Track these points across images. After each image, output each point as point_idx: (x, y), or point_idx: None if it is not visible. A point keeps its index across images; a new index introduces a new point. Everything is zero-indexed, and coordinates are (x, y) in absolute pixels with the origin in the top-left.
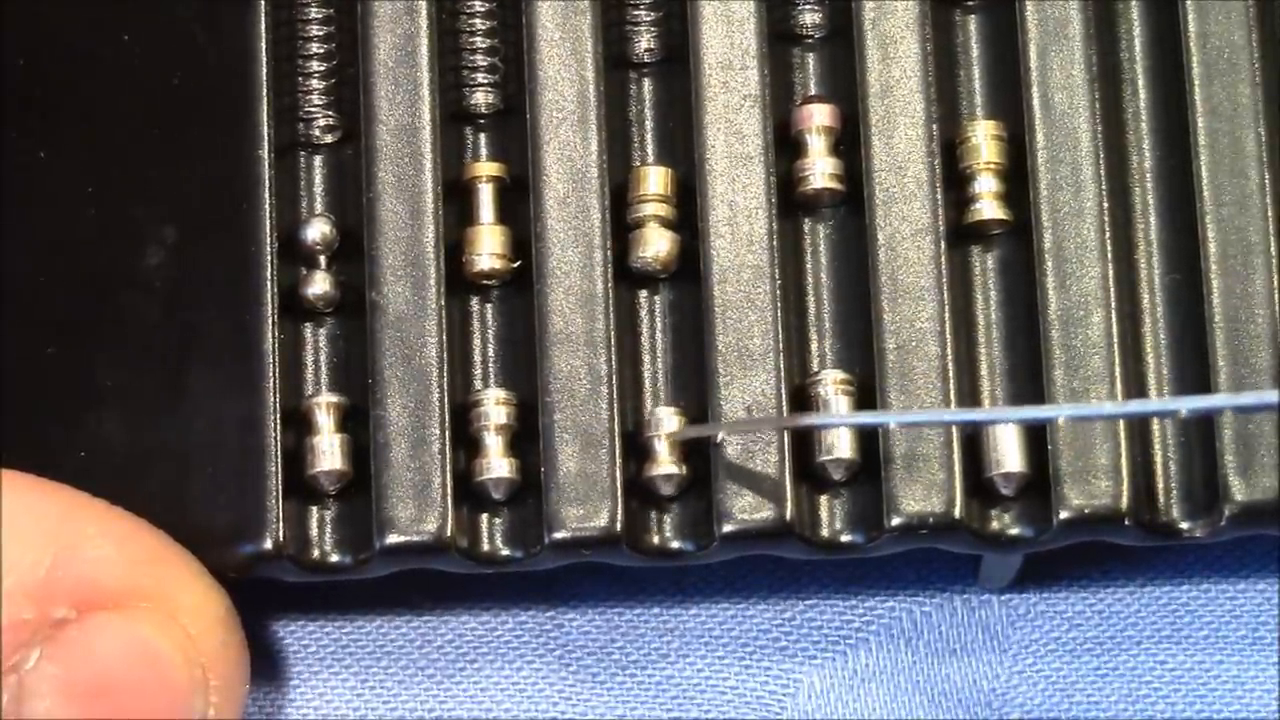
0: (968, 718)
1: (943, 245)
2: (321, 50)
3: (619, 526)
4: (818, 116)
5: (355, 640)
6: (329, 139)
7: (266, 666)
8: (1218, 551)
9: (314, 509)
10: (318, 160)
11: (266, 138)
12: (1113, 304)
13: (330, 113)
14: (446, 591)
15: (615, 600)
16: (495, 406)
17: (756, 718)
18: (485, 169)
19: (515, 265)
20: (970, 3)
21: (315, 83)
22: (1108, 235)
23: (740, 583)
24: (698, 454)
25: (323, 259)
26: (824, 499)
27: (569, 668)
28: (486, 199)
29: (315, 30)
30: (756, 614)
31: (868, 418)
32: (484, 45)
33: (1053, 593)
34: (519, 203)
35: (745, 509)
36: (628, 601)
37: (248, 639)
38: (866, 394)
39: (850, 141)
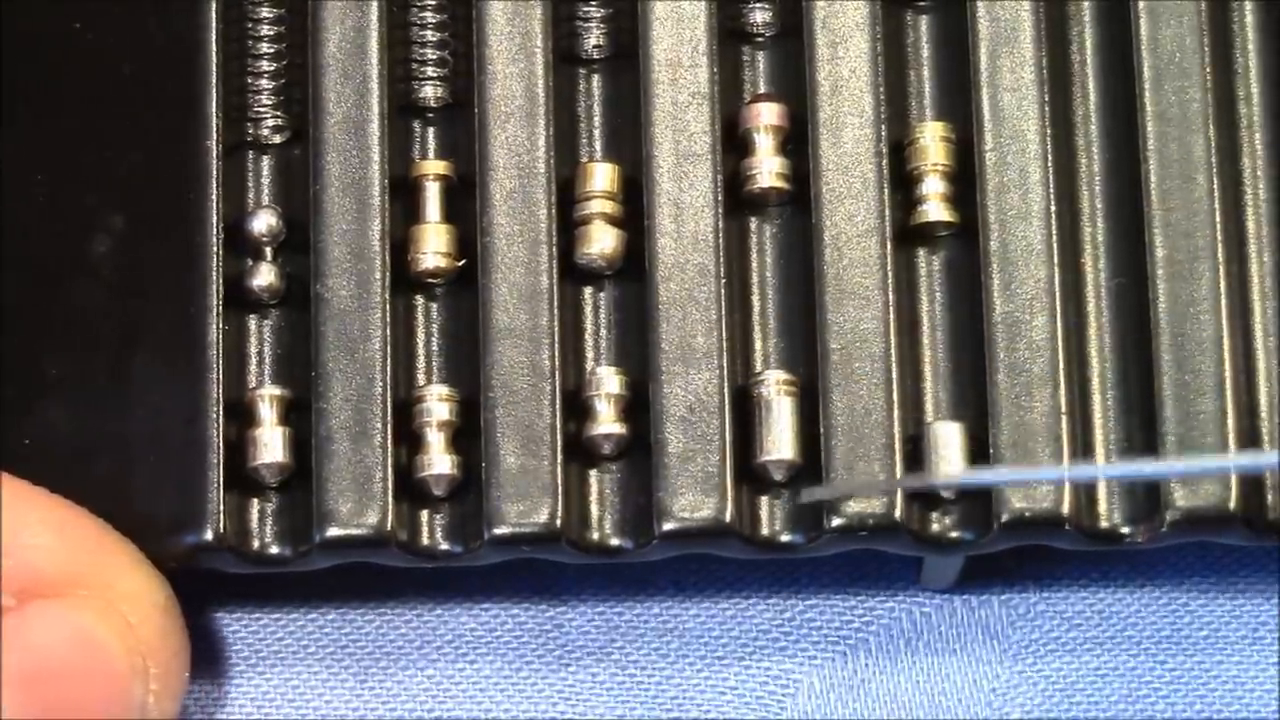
0: (968, 718)
1: (889, 246)
2: (271, 50)
3: (559, 523)
4: (766, 115)
5: (354, 639)
6: (278, 139)
7: (266, 663)
8: (1218, 552)
9: (255, 501)
10: (265, 159)
11: (215, 128)
12: (1058, 308)
13: (279, 113)
14: (446, 590)
15: (615, 600)
16: (438, 403)
17: (756, 718)
18: (432, 167)
19: (460, 264)
20: (922, 3)
21: (265, 82)
22: (1054, 238)
23: (740, 583)
24: (637, 449)
25: (269, 250)
26: (764, 499)
27: (569, 668)
28: (433, 197)
29: (266, 30)
30: (756, 614)
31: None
32: (434, 39)
33: (1053, 593)
34: (465, 202)
35: (685, 508)
36: (628, 601)
37: (248, 636)
38: (809, 395)
39: (798, 141)
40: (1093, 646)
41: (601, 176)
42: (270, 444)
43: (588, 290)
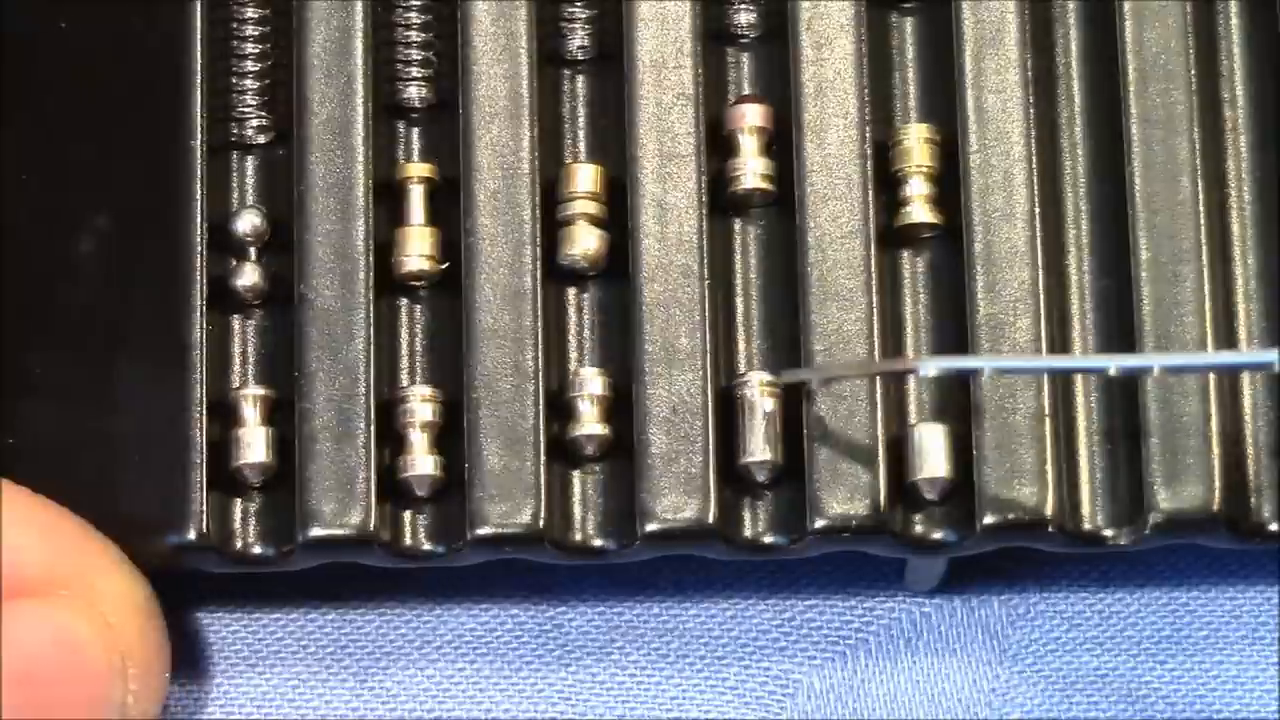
0: (968, 718)
1: (873, 248)
2: (256, 50)
3: (541, 523)
4: (750, 116)
5: (354, 639)
6: (262, 140)
7: (266, 663)
8: (1217, 552)
9: (238, 501)
10: (250, 160)
11: (199, 128)
12: (1042, 310)
13: (264, 113)
14: (446, 590)
15: (615, 600)
16: (421, 403)
17: (756, 718)
18: (416, 170)
19: (444, 267)
20: (907, 4)
21: (249, 83)
22: (1039, 240)
23: (740, 583)
24: (620, 450)
25: (253, 251)
26: (747, 501)
27: (569, 668)
28: (417, 200)
29: (251, 30)
30: (756, 614)
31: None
32: (418, 40)
33: (1053, 593)
34: (450, 204)
35: (668, 509)
36: (628, 601)
37: (248, 636)
38: (793, 397)
39: (783, 142)
40: (1093, 646)
41: (585, 177)
42: (253, 444)
43: (571, 291)
